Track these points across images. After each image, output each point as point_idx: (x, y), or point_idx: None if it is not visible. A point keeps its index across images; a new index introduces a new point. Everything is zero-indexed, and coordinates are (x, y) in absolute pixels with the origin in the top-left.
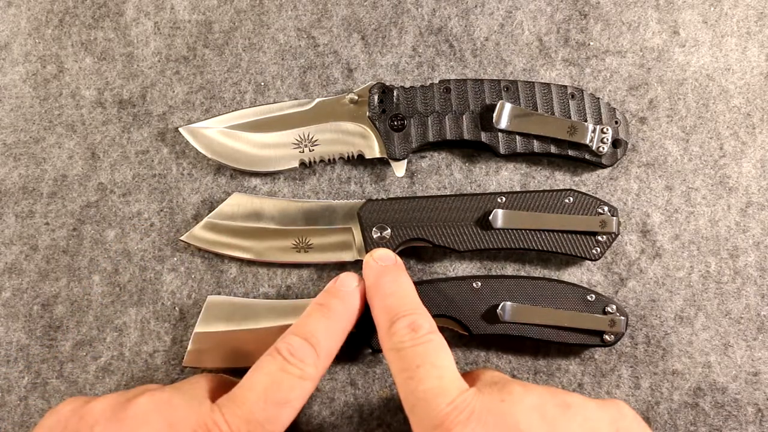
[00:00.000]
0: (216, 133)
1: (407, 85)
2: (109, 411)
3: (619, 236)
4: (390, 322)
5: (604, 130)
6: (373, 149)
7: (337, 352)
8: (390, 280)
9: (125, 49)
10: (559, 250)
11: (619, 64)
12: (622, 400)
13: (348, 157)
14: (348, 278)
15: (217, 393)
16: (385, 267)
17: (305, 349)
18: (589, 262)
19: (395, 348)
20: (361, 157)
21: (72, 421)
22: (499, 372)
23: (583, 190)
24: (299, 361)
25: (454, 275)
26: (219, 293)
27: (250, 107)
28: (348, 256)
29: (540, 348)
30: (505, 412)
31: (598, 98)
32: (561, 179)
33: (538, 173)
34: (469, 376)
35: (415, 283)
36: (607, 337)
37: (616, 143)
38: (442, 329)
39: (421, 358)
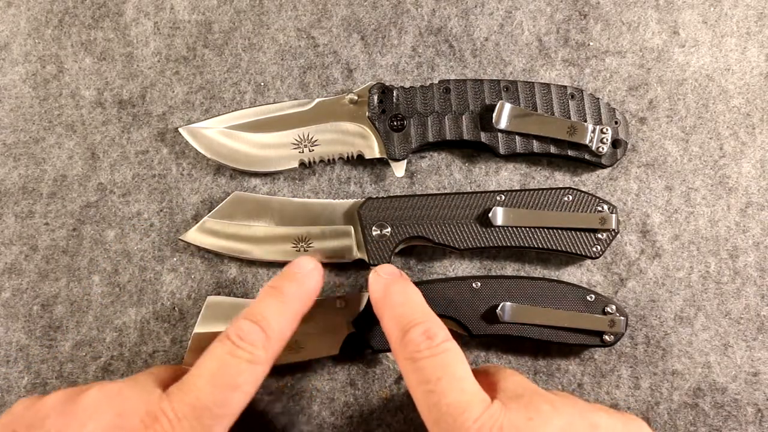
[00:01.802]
0: (216, 133)
1: (407, 85)
2: (59, 404)
3: (619, 236)
4: (403, 332)
5: (604, 130)
6: (373, 149)
7: (293, 334)
8: (398, 290)
9: (125, 49)
10: (558, 248)
11: (619, 64)
12: (642, 420)
13: (348, 157)
14: (303, 260)
15: (172, 382)
16: (392, 279)
17: (254, 332)
18: (589, 262)
19: (411, 358)
20: (360, 157)
21: (26, 416)
22: (520, 376)
23: (583, 190)
24: (248, 344)
25: (453, 275)
26: (219, 293)
27: (250, 107)
28: (348, 256)
29: (540, 348)
30: None
31: (598, 98)
32: (561, 179)
33: (538, 173)
34: (485, 378)
35: (415, 284)
36: (606, 337)
37: (615, 143)
38: None
39: (441, 369)
